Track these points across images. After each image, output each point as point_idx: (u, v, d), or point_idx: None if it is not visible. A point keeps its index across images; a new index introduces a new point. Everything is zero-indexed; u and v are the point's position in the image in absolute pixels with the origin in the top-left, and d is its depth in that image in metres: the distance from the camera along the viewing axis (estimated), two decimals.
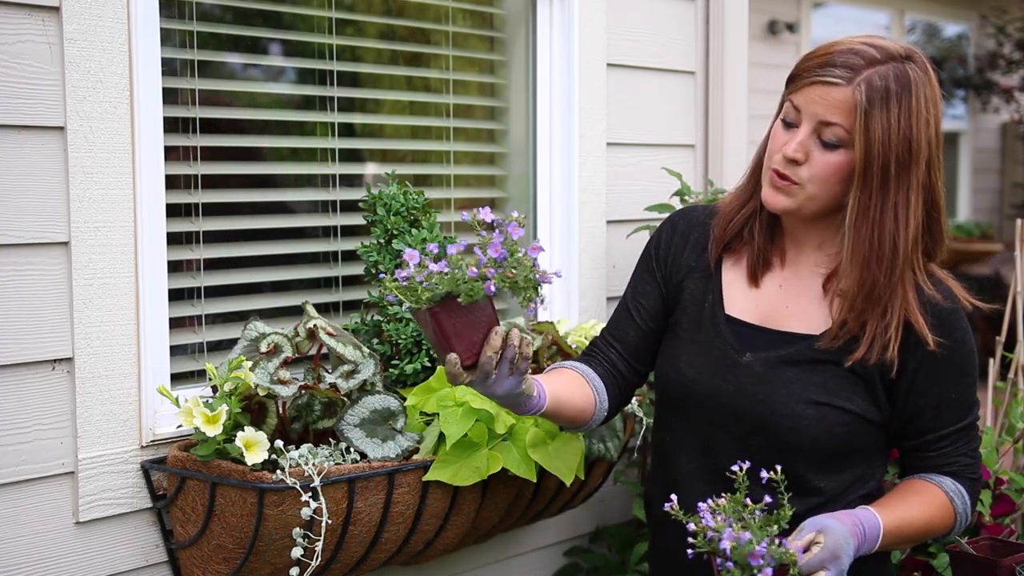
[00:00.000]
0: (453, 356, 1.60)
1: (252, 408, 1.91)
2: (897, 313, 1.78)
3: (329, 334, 1.98)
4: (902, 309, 1.78)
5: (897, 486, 1.88)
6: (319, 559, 1.81)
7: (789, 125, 1.78)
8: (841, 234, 1.78)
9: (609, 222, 2.67)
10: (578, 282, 2.60)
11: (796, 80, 1.78)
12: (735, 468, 1.64)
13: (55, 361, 1.84)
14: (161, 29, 1.95)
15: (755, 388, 1.81)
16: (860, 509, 1.75)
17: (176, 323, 2.05)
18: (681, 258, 1.95)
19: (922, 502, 1.82)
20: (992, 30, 9.05)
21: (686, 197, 2.56)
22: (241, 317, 2.17)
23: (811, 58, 1.77)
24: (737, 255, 1.92)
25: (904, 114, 1.70)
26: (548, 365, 2.27)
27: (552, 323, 2.34)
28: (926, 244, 1.84)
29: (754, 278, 1.89)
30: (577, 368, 1.93)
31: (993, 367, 2.89)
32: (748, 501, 1.62)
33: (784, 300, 1.87)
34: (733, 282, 1.91)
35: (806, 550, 1.65)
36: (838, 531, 1.67)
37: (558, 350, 2.28)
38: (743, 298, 1.89)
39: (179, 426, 1.88)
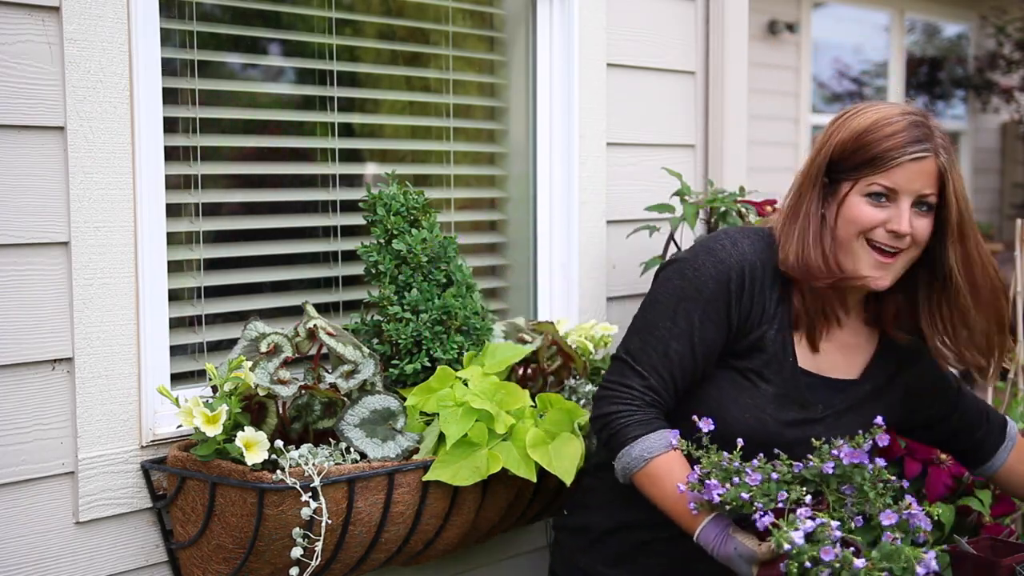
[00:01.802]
0: None
1: (252, 408, 1.91)
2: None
3: (329, 334, 1.98)
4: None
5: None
6: (319, 559, 1.81)
7: (879, 198, 1.85)
8: (946, 288, 1.91)
9: (609, 222, 2.67)
10: (578, 282, 2.60)
11: (880, 159, 1.83)
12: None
13: (55, 361, 1.84)
14: (161, 29, 1.95)
15: (822, 434, 1.82)
16: None
17: (176, 323, 2.05)
18: (762, 305, 1.92)
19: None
20: (992, 30, 9.05)
21: (686, 197, 2.56)
22: (241, 317, 2.17)
23: (890, 138, 1.83)
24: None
25: (958, 165, 1.89)
26: (548, 365, 2.27)
27: (552, 323, 2.34)
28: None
29: (814, 346, 1.97)
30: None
31: (993, 367, 2.88)
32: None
33: (829, 350, 1.97)
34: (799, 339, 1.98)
35: None
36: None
37: (558, 350, 2.29)
38: (806, 350, 1.96)
39: (179, 426, 1.88)
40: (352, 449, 1.91)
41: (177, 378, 2.04)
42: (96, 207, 1.85)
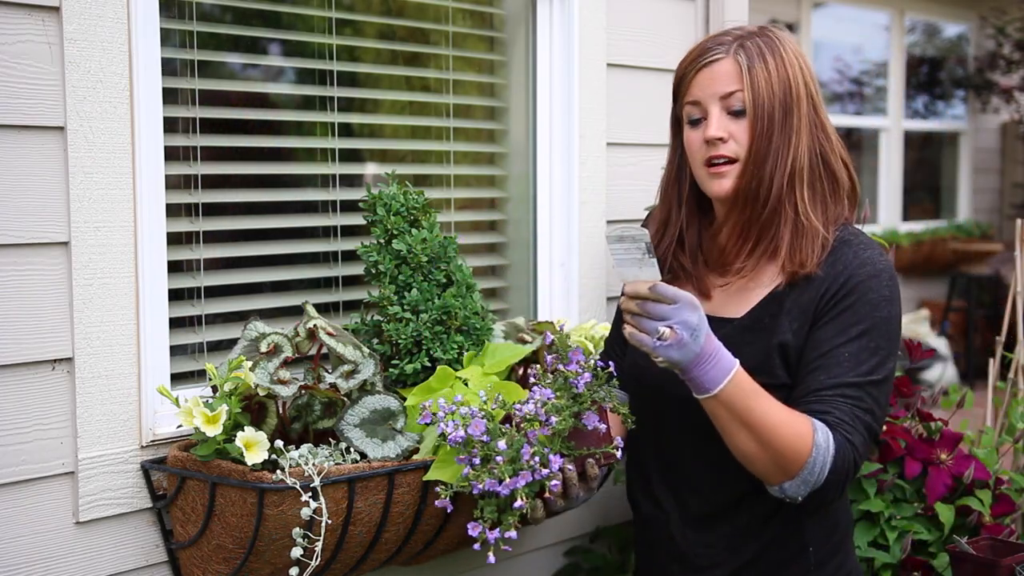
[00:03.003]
0: None
1: (252, 408, 1.91)
2: (782, 255, 1.86)
3: (329, 334, 1.98)
4: (788, 250, 1.86)
5: None
6: (319, 559, 1.81)
7: (697, 122, 1.90)
8: None
9: (609, 222, 2.67)
10: (578, 282, 2.60)
11: (681, 84, 1.92)
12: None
13: (55, 361, 1.84)
14: (161, 29, 1.95)
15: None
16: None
17: (176, 323, 2.05)
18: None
19: (789, 409, 1.77)
20: (992, 30, 9.05)
21: None
22: (241, 317, 2.17)
23: (685, 60, 1.92)
24: (677, 283, 1.96)
25: (779, 64, 1.86)
26: None
27: (552, 323, 2.34)
28: (827, 185, 1.91)
29: (707, 296, 1.96)
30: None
31: (993, 367, 2.89)
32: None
33: (730, 295, 1.95)
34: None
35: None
36: (703, 321, 1.70)
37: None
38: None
39: (179, 426, 1.88)
40: (352, 449, 1.91)
41: (177, 378, 2.04)
42: (96, 207, 1.85)
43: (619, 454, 1.86)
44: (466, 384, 2.04)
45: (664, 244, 2.00)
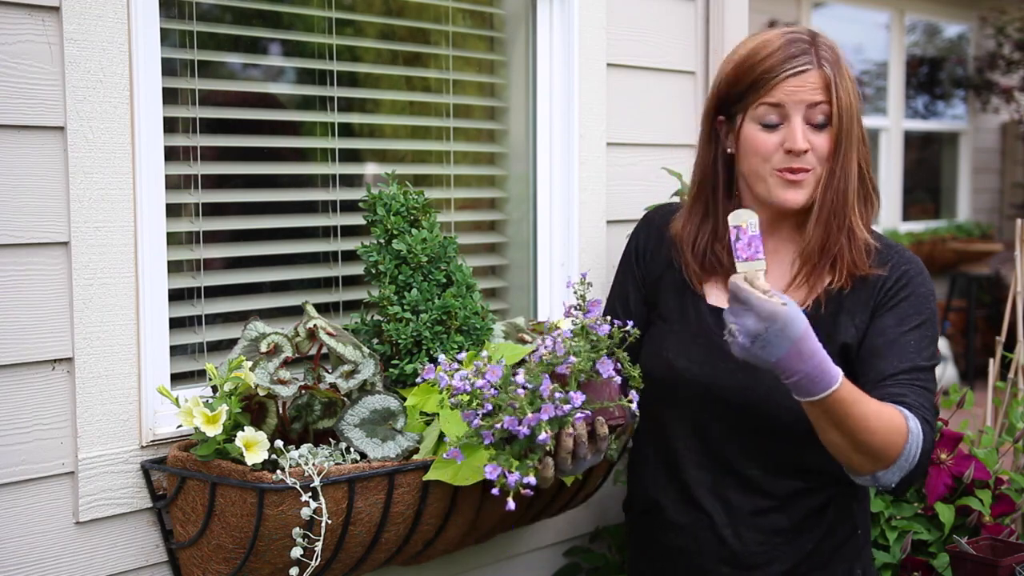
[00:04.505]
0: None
1: (252, 408, 1.91)
2: (845, 262, 1.90)
3: (329, 334, 1.98)
4: (847, 257, 1.90)
5: None
6: (319, 559, 1.81)
7: (773, 126, 1.87)
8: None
9: (609, 222, 2.67)
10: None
11: (760, 82, 1.86)
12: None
13: (55, 361, 1.84)
14: (161, 29, 1.95)
15: (740, 374, 1.87)
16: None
17: (176, 323, 2.05)
18: (659, 256, 2.06)
19: (878, 402, 1.80)
20: (992, 30, 9.05)
21: (686, 197, 2.56)
22: (241, 317, 2.17)
23: (765, 59, 1.86)
24: (715, 277, 1.99)
25: (849, 77, 1.89)
26: None
27: (552, 323, 2.34)
28: (862, 191, 1.94)
29: None
30: None
31: (993, 367, 2.89)
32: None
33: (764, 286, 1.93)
34: (713, 281, 2.00)
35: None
36: (799, 313, 1.68)
37: None
38: (724, 291, 1.96)
39: (179, 426, 1.88)
40: (352, 449, 1.91)
41: (177, 378, 2.04)
42: (96, 207, 1.85)
43: (634, 407, 1.80)
44: None
45: (704, 236, 1.99)
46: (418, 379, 1.82)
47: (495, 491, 1.69)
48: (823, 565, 1.95)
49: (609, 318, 1.82)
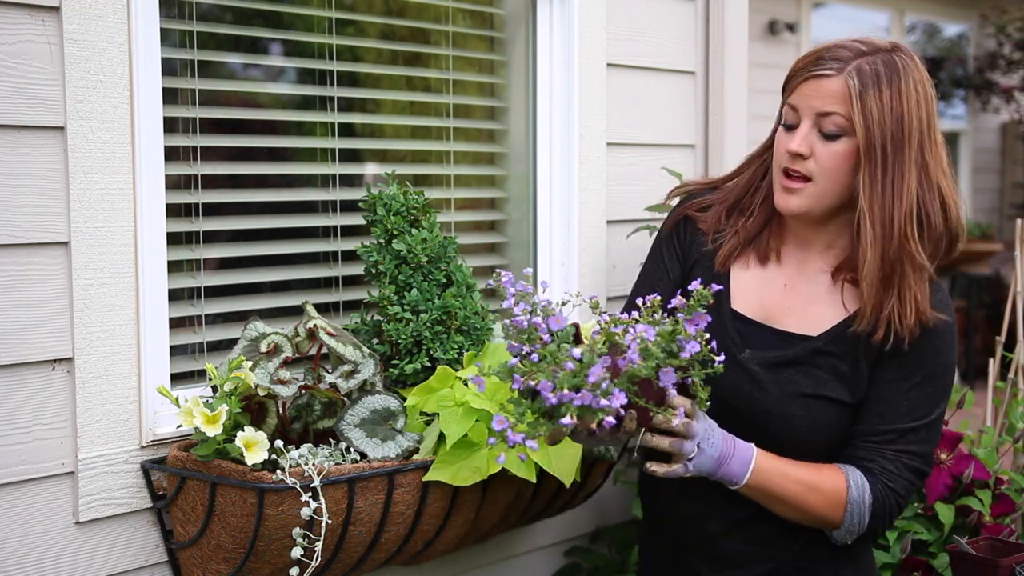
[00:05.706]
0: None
1: (252, 408, 1.91)
2: (909, 291, 1.80)
3: (329, 334, 1.98)
4: (908, 288, 1.80)
5: None
6: (319, 559, 1.81)
7: (790, 128, 1.84)
8: (852, 226, 1.83)
9: (609, 222, 2.67)
10: (578, 282, 2.60)
11: (790, 82, 1.85)
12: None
13: (55, 361, 1.84)
14: (161, 29, 1.95)
15: (750, 387, 1.86)
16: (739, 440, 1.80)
17: (176, 323, 2.04)
18: (696, 243, 1.98)
19: (812, 467, 1.83)
20: (992, 30, 9.04)
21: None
22: (241, 317, 2.17)
23: (802, 60, 1.84)
24: (744, 254, 1.95)
25: (895, 95, 1.77)
26: None
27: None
28: (924, 234, 1.82)
29: (764, 260, 1.93)
30: None
31: (993, 367, 2.89)
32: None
33: (788, 300, 1.92)
34: (741, 279, 1.94)
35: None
36: (710, 423, 1.75)
37: None
38: (749, 295, 1.93)
39: (179, 426, 1.88)
40: (352, 449, 1.91)
41: (177, 378, 2.04)
42: (96, 207, 1.85)
43: (676, 421, 1.69)
44: (466, 384, 2.03)
45: (751, 193, 1.96)
46: (489, 282, 1.68)
47: (491, 440, 1.58)
48: (820, 564, 1.94)
49: (708, 336, 1.66)
